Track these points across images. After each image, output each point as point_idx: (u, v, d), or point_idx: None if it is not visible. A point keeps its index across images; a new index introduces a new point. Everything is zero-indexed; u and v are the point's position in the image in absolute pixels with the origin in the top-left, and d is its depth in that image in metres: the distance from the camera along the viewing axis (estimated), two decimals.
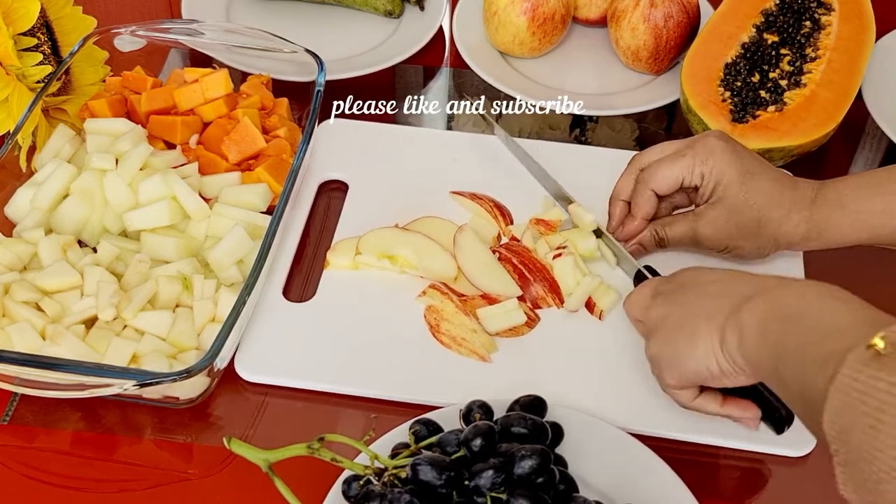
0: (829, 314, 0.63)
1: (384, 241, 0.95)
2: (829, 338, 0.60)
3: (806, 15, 1.07)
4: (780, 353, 0.65)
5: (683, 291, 0.78)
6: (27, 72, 1.01)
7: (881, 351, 0.55)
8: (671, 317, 0.77)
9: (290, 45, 1.06)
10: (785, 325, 0.65)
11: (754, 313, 0.68)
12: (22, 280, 0.88)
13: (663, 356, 0.77)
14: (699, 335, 0.72)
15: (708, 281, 0.77)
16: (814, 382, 0.59)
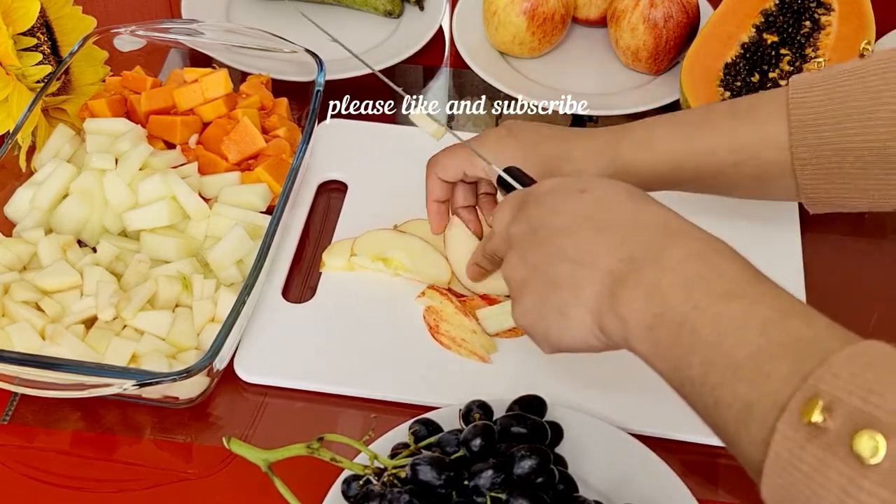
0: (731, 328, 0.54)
1: (379, 244, 0.95)
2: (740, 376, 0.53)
3: (806, 15, 1.07)
4: (683, 376, 0.57)
5: (537, 242, 0.66)
6: (27, 71, 1.01)
7: (820, 425, 0.48)
8: (530, 282, 0.66)
9: (290, 45, 1.06)
10: (676, 337, 0.57)
11: (633, 307, 0.60)
12: (22, 280, 0.88)
13: (535, 330, 0.67)
14: (571, 314, 0.64)
15: (561, 227, 0.65)
16: (737, 437, 0.54)
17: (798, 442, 0.49)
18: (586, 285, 0.63)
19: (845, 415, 0.47)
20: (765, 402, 0.51)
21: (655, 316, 0.59)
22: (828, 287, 0.95)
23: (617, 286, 0.61)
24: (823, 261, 0.98)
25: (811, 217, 1.00)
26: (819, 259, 0.97)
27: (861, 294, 0.97)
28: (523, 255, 0.68)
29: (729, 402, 0.54)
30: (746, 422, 0.52)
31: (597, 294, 0.62)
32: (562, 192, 0.68)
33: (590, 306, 0.63)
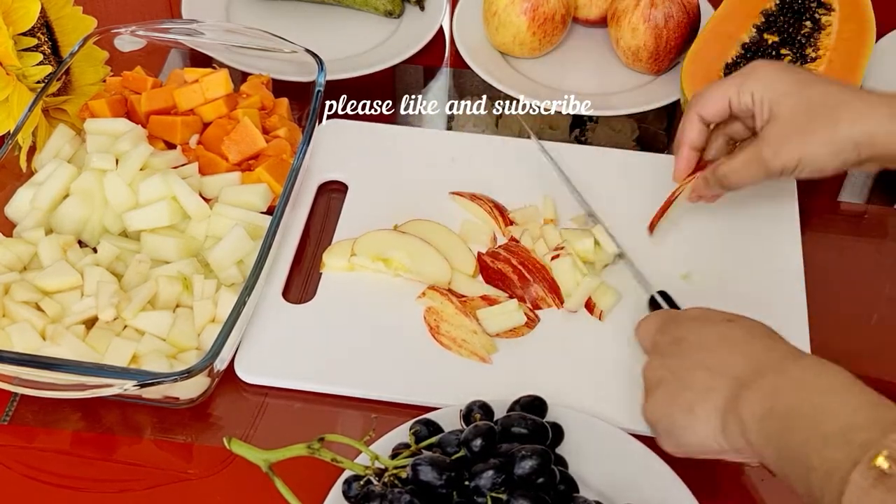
0: (828, 412, 0.62)
1: (379, 244, 0.95)
2: (830, 444, 0.59)
3: (806, 15, 1.07)
4: (784, 456, 0.64)
5: (680, 353, 0.74)
6: (27, 72, 1.01)
7: (886, 471, 0.55)
8: (665, 383, 0.74)
9: (290, 45, 1.06)
10: (784, 423, 0.64)
11: (753, 405, 0.66)
12: (22, 280, 0.88)
13: (660, 424, 0.74)
14: (697, 414, 0.70)
15: (705, 344, 0.73)
16: (821, 495, 0.59)
17: (865, 488, 0.55)
18: (717, 389, 0.69)
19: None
20: (846, 461, 0.57)
21: (769, 408, 0.65)
22: (828, 287, 0.95)
23: (742, 389, 0.68)
24: (823, 261, 0.97)
25: (811, 217, 1.00)
26: (819, 259, 0.97)
27: (861, 294, 0.97)
28: (664, 359, 0.75)
29: (817, 466, 0.60)
30: (829, 480, 0.58)
31: (724, 397, 0.69)
32: (709, 319, 0.76)
33: (717, 406, 0.69)
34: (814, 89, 0.81)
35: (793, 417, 0.63)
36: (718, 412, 0.69)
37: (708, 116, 0.87)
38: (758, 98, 0.83)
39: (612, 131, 1.13)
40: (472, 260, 0.96)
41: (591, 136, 1.13)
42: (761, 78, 0.83)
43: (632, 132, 1.13)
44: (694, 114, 0.87)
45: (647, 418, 0.76)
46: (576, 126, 1.14)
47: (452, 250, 0.96)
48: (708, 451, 0.71)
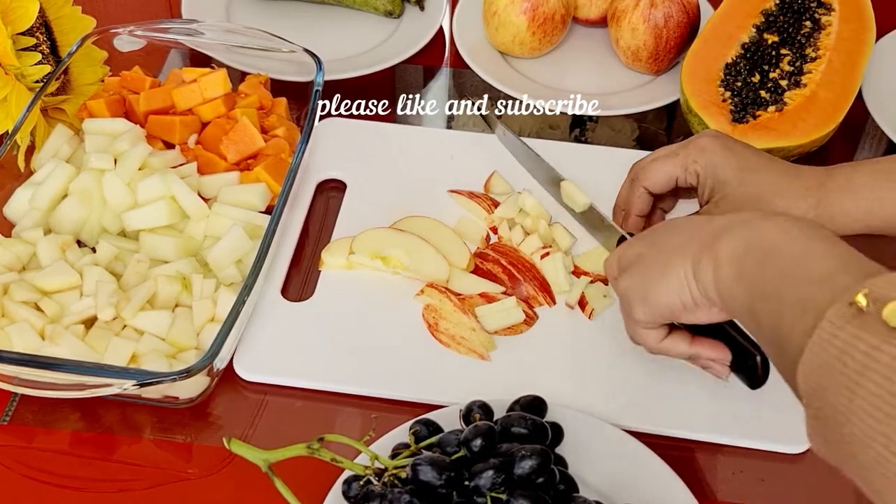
0: (811, 255, 0.60)
1: (377, 242, 0.95)
2: (810, 283, 0.58)
3: (806, 15, 1.07)
4: (756, 291, 0.63)
5: (659, 232, 0.76)
6: (26, 71, 1.01)
7: (863, 308, 0.53)
8: (645, 254, 0.74)
9: (289, 44, 1.06)
10: (764, 259, 0.63)
11: (732, 243, 0.66)
12: (21, 280, 0.88)
13: (634, 289, 0.74)
14: (672, 266, 0.70)
15: (684, 221, 0.75)
16: (790, 330, 0.58)
17: (839, 324, 0.54)
18: (690, 245, 0.69)
19: (885, 303, 0.52)
20: (823, 299, 0.56)
21: (747, 246, 0.64)
22: None
23: (720, 235, 0.67)
24: None
25: None
26: None
27: None
28: (643, 238, 0.77)
29: (793, 301, 0.59)
30: (803, 315, 0.57)
31: (700, 244, 0.68)
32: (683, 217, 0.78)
33: (692, 253, 0.69)
34: (753, 177, 0.85)
35: (773, 255, 0.62)
36: (693, 257, 0.68)
37: (655, 191, 0.90)
38: (702, 180, 0.87)
39: (612, 131, 1.13)
40: (467, 254, 0.96)
41: (592, 136, 1.13)
42: (706, 161, 0.86)
43: (632, 132, 1.13)
44: (641, 188, 0.90)
45: (619, 290, 0.76)
46: (576, 126, 1.14)
47: (448, 245, 0.96)
48: (678, 306, 0.71)
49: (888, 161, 0.85)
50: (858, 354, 0.52)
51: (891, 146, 1.10)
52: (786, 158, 1.02)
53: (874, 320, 0.52)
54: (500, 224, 0.98)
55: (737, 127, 1.02)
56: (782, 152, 1.01)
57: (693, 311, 0.71)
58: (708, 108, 1.04)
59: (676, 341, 0.77)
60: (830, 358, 0.53)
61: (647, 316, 0.74)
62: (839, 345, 0.53)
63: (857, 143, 1.13)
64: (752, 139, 1.00)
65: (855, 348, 0.52)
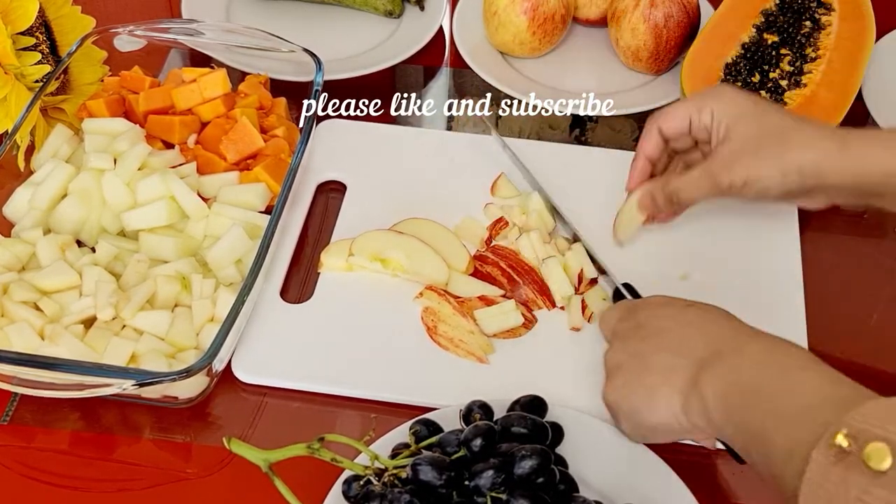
0: (787, 391, 0.63)
1: (377, 244, 0.95)
2: (791, 423, 0.61)
3: (806, 15, 1.07)
4: (744, 434, 0.65)
5: (640, 337, 0.77)
6: (25, 71, 1.01)
7: (845, 449, 0.55)
8: (626, 366, 0.76)
9: (289, 44, 1.06)
10: (745, 399, 0.65)
11: (714, 382, 0.68)
12: (20, 280, 0.88)
13: (621, 408, 0.76)
14: (658, 395, 0.72)
15: (664, 328, 0.76)
16: (782, 474, 0.60)
17: (826, 466, 0.55)
18: (678, 369, 0.71)
19: (865, 440, 0.55)
20: (807, 441, 0.58)
21: (730, 385, 0.67)
22: (828, 287, 0.95)
23: (703, 370, 0.69)
24: (823, 261, 0.97)
25: (811, 217, 1.00)
26: (819, 259, 0.97)
27: (861, 294, 0.97)
28: (625, 344, 0.78)
29: (780, 444, 0.61)
30: (791, 458, 0.59)
31: (685, 377, 0.70)
32: (668, 304, 0.78)
33: (678, 386, 0.71)
34: (770, 116, 0.84)
35: (753, 395, 0.65)
36: (680, 391, 0.70)
37: (667, 131, 0.89)
38: (717, 118, 0.85)
39: (612, 131, 1.13)
40: (467, 256, 0.95)
41: (592, 136, 1.13)
42: (722, 99, 0.86)
43: (632, 132, 1.13)
44: (654, 126, 0.90)
45: (607, 402, 0.78)
46: (576, 126, 1.14)
47: (447, 247, 0.96)
48: (669, 431, 0.73)
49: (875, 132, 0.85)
50: (851, 499, 0.54)
51: None
52: None
53: (857, 461, 0.54)
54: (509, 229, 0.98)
55: None
56: None
57: (683, 435, 0.74)
58: None
59: None
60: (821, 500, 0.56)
61: (634, 433, 0.77)
62: (831, 488, 0.55)
63: None
64: None
65: (846, 493, 0.54)
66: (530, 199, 0.99)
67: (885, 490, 0.53)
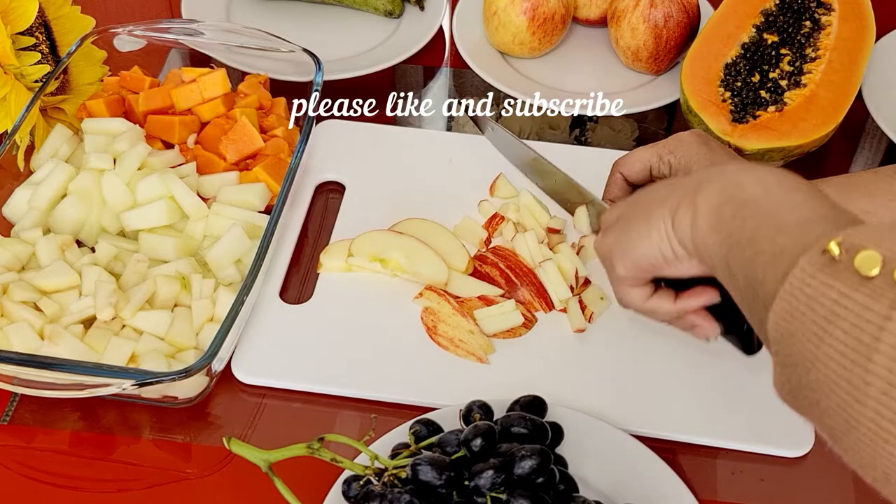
0: (787, 204, 0.61)
1: (376, 244, 0.95)
2: (784, 231, 0.59)
3: (806, 15, 1.07)
4: (732, 241, 0.63)
5: (639, 193, 0.75)
6: (25, 71, 1.01)
7: (836, 257, 0.53)
8: (625, 213, 0.74)
9: (288, 44, 1.06)
10: (740, 209, 0.63)
11: (709, 195, 0.65)
12: (20, 280, 0.88)
13: (616, 245, 0.73)
14: (652, 218, 0.69)
15: (665, 181, 0.75)
16: (763, 278, 0.58)
17: (810, 272, 0.54)
18: (673, 195, 0.69)
19: (857, 251, 0.52)
20: (796, 248, 0.56)
21: (726, 197, 0.64)
22: None
23: (699, 188, 0.66)
24: None
25: None
26: None
27: None
28: (624, 201, 0.76)
29: (766, 249, 0.59)
30: (776, 263, 0.57)
31: (679, 197, 0.68)
32: None
33: (671, 206, 0.68)
34: None
35: (750, 206, 0.62)
36: (672, 209, 0.68)
37: (630, 177, 0.92)
38: (674, 171, 0.89)
39: (612, 131, 1.13)
40: (466, 256, 0.95)
41: (592, 136, 1.13)
42: (682, 153, 0.88)
43: (632, 132, 1.13)
44: (617, 173, 0.92)
45: (603, 250, 0.75)
46: (576, 126, 1.14)
47: (446, 248, 0.96)
48: (658, 258, 0.70)
49: (858, 175, 0.86)
50: (828, 302, 0.52)
51: (891, 146, 1.10)
52: (786, 158, 1.02)
53: (845, 268, 0.52)
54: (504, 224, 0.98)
55: (737, 127, 1.01)
56: (782, 152, 1.01)
57: (673, 264, 0.70)
58: (708, 108, 1.03)
59: (662, 298, 0.75)
60: (801, 305, 0.54)
61: (629, 271, 0.73)
62: (809, 292, 0.53)
63: (857, 144, 1.13)
64: (752, 139, 1.00)
65: (825, 296, 0.53)
66: (521, 196, 1.00)
67: (866, 296, 0.51)
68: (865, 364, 0.50)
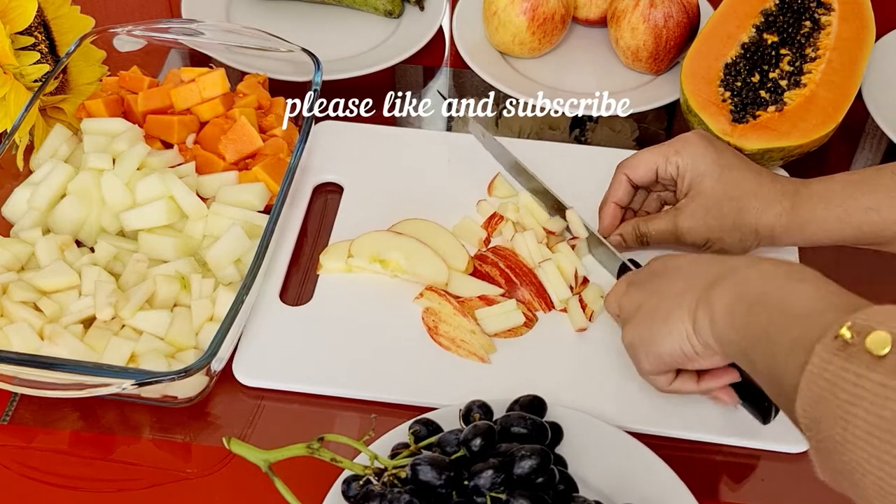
0: (795, 296, 0.64)
1: (376, 245, 0.95)
2: (796, 323, 0.61)
3: (806, 15, 1.07)
4: (749, 336, 0.66)
5: (656, 278, 0.79)
6: (24, 70, 1.01)
7: (848, 341, 0.55)
8: (645, 304, 0.78)
9: (287, 44, 1.06)
10: (752, 306, 0.66)
11: (723, 295, 0.69)
12: (20, 280, 0.88)
13: (640, 341, 0.77)
14: (673, 318, 0.73)
15: (678, 266, 0.78)
16: (784, 370, 0.60)
17: (827, 358, 0.56)
18: (691, 291, 0.73)
19: (867, 333, 0.55)
20: (811, 337, 0.58)
21: (738, 296, 0.68)
22: None
23: (713, 286, 0.71)
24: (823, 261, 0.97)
25: None
26: (818, 259, 0.97)
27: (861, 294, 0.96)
28: (641, 286, 0.80)
29: (782, 342, 0.61)
30: (794, 354, 0.59)
31: (696, 296, 0.72)
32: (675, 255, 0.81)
33: (689, 306, 0.72)
34: (733, 174, 0.89)
35: (761, 301, 0.66)
36: (690, 310, 0.72)
37: (635, 179, 0.94)
38: (681, 171, 0.91)
39: (612, 131, 1.13)
40: (466, 256, 0.95)
41: (592, 136, 1.13)
42: (688, 154, 0.90)
43: (632, 132, 1.13)
44: (622, 174, 0.94)
45: (627, 343, 0.79)
46: (576, 126, 1.14)
47: (446, 247, 0.96)
48: (680, 356, 0.74)
49: (861, 172, 0.87)
50: (848, 385, 0.54)
51: (891, 146, 1.10)
52: (785, 158, 1.02)
53: (859, 351, 0.55)
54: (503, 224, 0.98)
55: (737, 127, 1.01)
56: (782, 152, 1.01)
57: (696, 360, 0.74)
58: (708, 107, 1.03)
59: (685, 382, 0.79)
60: (823, 391, 0.56)
61: (654, 365, 0.77)
62: (829, 377, 0.55)
63: (857, 143, 1.13)
64: (752, 139, 1.00)
65: (844, 379, 0.55)
66: (520, 196, 1.00)
67: (882, 375, 0.53)
68: (891, 440, 0.52)
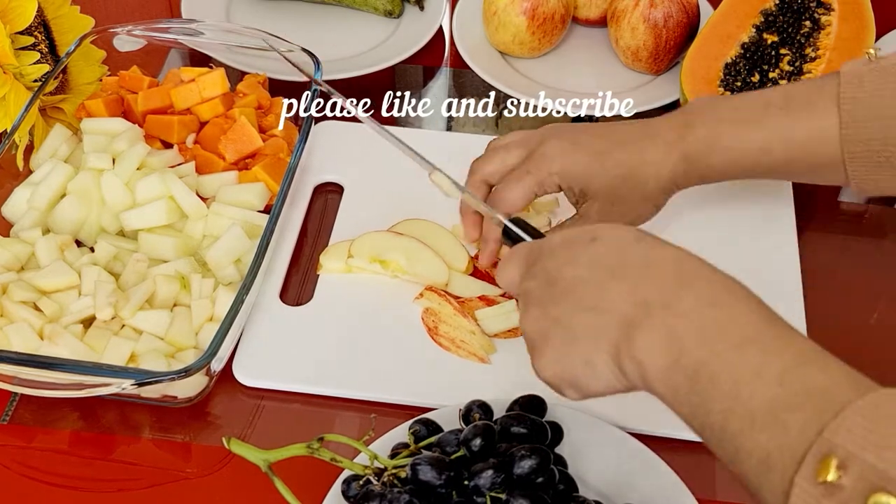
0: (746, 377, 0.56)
1: (376, 245, 0.95)
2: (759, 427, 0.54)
3: (806, 15, 1.07)
4: (699, 416, 0.58)
5: (556, 296, 0.67)
6: (24, 70, 1.01)
7: (836, 483, 0.49)
8: (551, 336, 0.66)
9: (287, 44, 1.06)
10: (694, 384, 0.58)
11: (650, 352, 0.60)
12: (19, 280, 0.88)
13: (562, 380, 0.67)
14: (595, 363, 0.64)
15: (578, 278, 0.66)
16: (757, 485, 0.55)
17: (816, 497, 0.50)
18: (604, 333, 0.63)
19: (860, 472, 0.49)
20: (783, 454, 0.52)
21: (672, 360, 0.59)
22: (827, 287, 0.95)
23: (632, 330, 0.61)
24: (823, 261, 0.97)
25: (811, 217, 1.00)
26: (818, 259, 0.97)
27: (861, 294, 0.96)
28: (544, 309, 0.68)
29: (749, 450, 0.55)
30: (766, 472, 0.54)
31: (614, 340, 0.63)
32: (574, 244, 0.68)
33: (609, 352, 0.63)
34: (610, 159, 0.84)
35: (704, 380, 0.57)
36: (613, 356, 0.63)
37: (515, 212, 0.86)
38: (566, 185, 0.85)
39: None
40: (466, 256, 0.95)
41: None
42: (558, 169, 0.84)
43: None
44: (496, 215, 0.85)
45: (544, 378, 0.68)
46: None
47: (446, 248, 0.96)
48: (618, 392, 0.65)
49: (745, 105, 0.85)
50: None
51: None
52: None
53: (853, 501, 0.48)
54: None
55: None
56: None
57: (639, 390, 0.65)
58: None
59: None
60: None
61: (584, 398, 0.68)
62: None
63: None
64: None
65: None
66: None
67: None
68: None
